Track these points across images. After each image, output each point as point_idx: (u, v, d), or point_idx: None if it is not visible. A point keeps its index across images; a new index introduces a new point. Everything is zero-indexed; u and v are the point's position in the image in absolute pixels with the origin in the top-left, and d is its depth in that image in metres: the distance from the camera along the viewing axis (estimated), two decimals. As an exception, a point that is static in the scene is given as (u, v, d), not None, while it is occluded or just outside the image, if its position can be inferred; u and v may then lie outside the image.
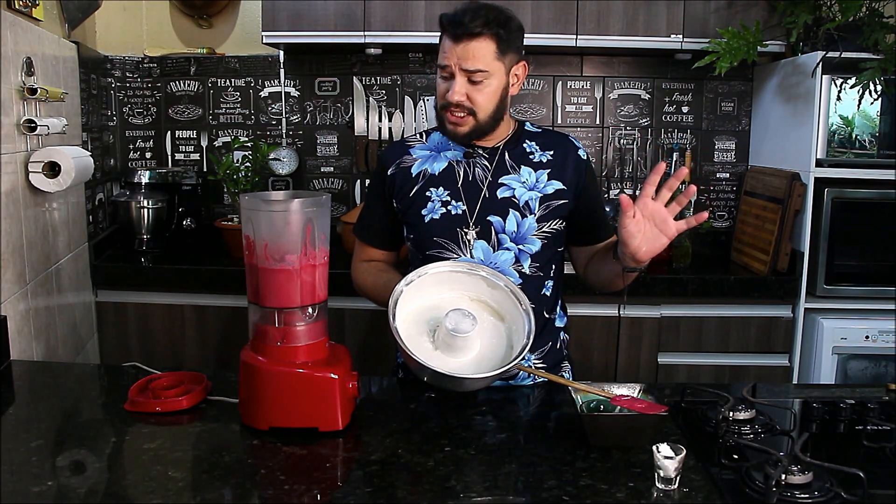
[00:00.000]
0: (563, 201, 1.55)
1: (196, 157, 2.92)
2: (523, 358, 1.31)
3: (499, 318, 1.41)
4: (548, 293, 1.58)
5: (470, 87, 1.46)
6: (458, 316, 1.31)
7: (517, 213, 1.53)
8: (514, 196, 1.53)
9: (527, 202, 1.53)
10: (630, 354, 2.46)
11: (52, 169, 1.84)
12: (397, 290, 1.36)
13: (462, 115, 1.48)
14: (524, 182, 1.55)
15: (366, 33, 2.50)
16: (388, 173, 1.60)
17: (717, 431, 1.22)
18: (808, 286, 2.42)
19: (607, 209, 2.74)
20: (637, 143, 2.86)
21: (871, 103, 2.32)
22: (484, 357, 1.34)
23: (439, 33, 1.51)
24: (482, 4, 1.47)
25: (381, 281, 1.57)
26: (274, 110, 2.89)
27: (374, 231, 1.66)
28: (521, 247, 1.52)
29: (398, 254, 1.70)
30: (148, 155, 2.92)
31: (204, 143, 2.91)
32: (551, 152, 1.58)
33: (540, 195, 1.54)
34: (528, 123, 1.64)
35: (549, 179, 1.55)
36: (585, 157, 1.60)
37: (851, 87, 2.28)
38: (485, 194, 1.54)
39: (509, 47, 1.47)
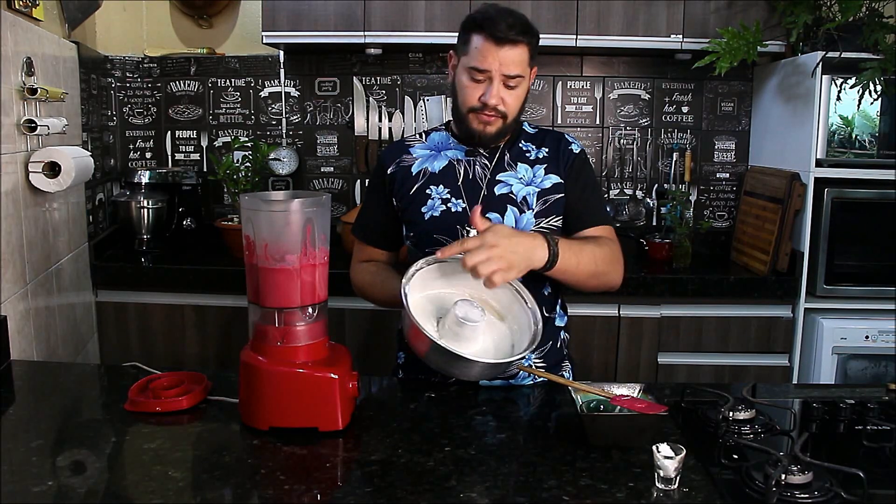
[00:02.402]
0: (560, 195, 1.56)
1: (196, 157, 2.92)
2: (531, 351, 1.30)
3: (499, 318, 1.41)
4: (548, 292, 1.58)
5: (504, 90, 1.48)
6: (467, 305, 1.31)
7: (515, 210, 1.53)
8: (511, 192, 1.54)
9: (524, 198, 1.54)
10: (630, 354, 2.46)
11: (52, 169, 1.84)
12: (411, 271, 1.37)
13: (493, 116, 1.50)
14: (521, 178, 1.56)
15: (366, 33, 2.50)
16: (388, 172, 1.60)
17: (717, 431, 1.22)
18: (808, 286, 2.42)
19: (608, 209, 2.75)
20: (637, 143, 2.86)
21: (871, 103, 2.32)
22: (487, 352, 1.35)
23: (457, 34, 1.51)
24: (507, 9, 1.48)
25: (379, 280, 1.57)
26: (274, 110, 2.89)
27: (373, 231, 1.66)
28: None
29: (397, 254, 1.70)
30: (148, 155, 2.92)
31: (204, 143, 2.91)
32: (546, 149, 1.60)
33: (538, 190, 1.55)
34: (525, 124, 1.65)
35: (546, 174, 1.56)
36: (578, 151, 1.61)
37: (851, 87, 2.28)
38: (484, 192, 1.54)
39: (535, 54, 1.52)
